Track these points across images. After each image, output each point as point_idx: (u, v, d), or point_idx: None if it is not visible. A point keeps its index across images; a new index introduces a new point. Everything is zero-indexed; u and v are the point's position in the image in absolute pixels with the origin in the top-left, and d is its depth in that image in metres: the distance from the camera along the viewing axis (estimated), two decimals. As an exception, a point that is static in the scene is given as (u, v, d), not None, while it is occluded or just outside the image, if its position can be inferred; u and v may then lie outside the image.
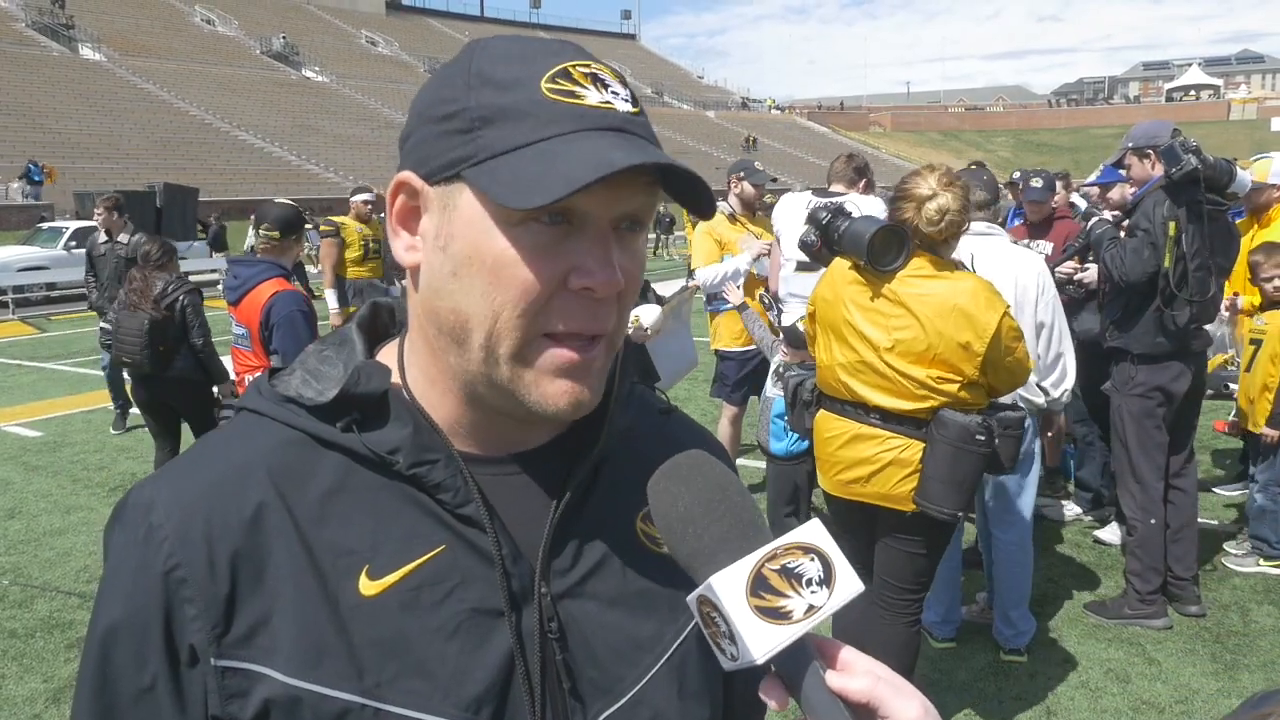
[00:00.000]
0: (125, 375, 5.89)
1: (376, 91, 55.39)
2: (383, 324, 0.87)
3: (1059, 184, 6.07)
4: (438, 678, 0.71)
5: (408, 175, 0.73)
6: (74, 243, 20.07)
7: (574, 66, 0.70)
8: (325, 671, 0.69)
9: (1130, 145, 4.23)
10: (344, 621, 0.71)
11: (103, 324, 6.49)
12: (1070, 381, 3.74)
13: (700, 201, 0.73)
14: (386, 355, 0.82)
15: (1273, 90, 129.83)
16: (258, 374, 4.24)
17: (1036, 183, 5.59)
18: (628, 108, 0.71)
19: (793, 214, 4.93)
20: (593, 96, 0.70)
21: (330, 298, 7.89)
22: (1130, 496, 4.14)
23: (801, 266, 4.89)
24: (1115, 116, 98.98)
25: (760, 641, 0.59)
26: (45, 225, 21.94)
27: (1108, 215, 4.43)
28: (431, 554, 0.73)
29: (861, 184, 4.86)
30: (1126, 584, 4.15)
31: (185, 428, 5.40)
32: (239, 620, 0.70)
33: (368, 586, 0.71)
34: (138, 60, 47.06)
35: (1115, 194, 5.09)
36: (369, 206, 8.21)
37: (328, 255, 7.94)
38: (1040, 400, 3.68)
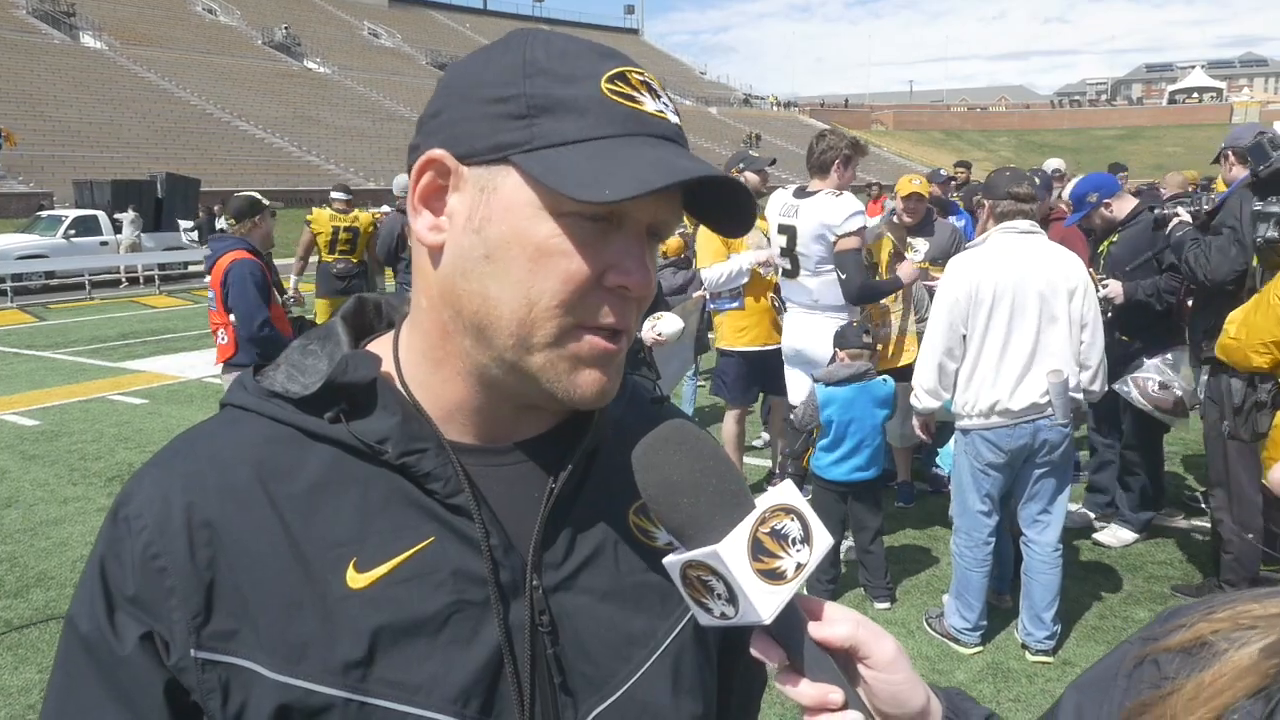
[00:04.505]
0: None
1: (378, 83, 55.27)
2: (369, 319, 0.86)
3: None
4: (425, 671, 0.70)
5: (440, 153, 0.71)
6: (73, 231, 20.06)
7: (630, 72, 0.71)
8: (310, 666, 0.68)
9: (1226, 146, 4.23)
10: (330, 615, 0.70)
11: None
12: (1103, 380, 3.77)
13: (736, 221, 0.75)
14: (377, 347, 0.81)
15: (1275, 93, 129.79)
16: (231, 351, 4.41)
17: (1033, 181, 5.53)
18: (676, 120, 0.73)
19: (772, 217, 4.89)
20: (650, 104, 0.71)
21: None
22: (1227, 511, 4.06)
23: (785, 274, 4.87)
24: (1117, 118, 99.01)
25: (765, 602, 0.63)
26: (44, 214, 21.91)
27: (1185, 216, 4.35)
28: (420, 545, 0.72)
29: (834, 173, 4.66)
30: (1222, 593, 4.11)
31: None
32: (219, 612, 0.69)
33: (355, 579, 0.71)
34: (139, 49, 46.92)
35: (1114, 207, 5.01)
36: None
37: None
38: (1083, 398, 3.70)
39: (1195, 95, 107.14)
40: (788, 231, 4.74)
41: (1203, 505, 5.31)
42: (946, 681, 3.68)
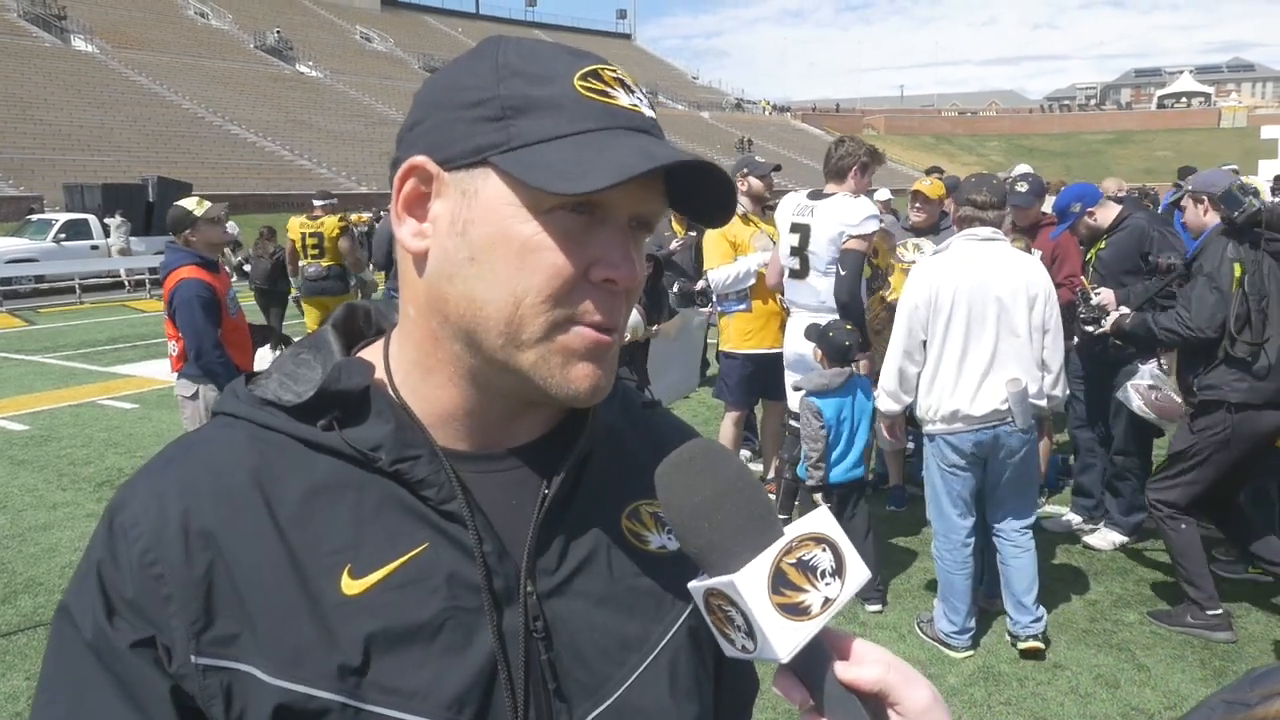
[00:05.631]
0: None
1: (370, 87, 55.16)
2: (359, 326, 0.86)
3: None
4: (420, 678, 0.70)
5: (422, 160, 0.72)
6: (64, 235, 19.98)
7: (602, 69, 0.72)
8: (307, 671, 0.68)
9: (1190, 189, 4.24)
10: (326, 621, 0.69)
11: None
12: (1065, 384, 3.83)
13: (716, 210, 0.75)
14: (368, 355, 0.81)
15: (1263, 98, 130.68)
16: (181, 359, 4.54)
17: (1022, 187, 5.52)
18: (651, 114, 0.74)
19: (784, 217, 4.87)
20: (623, 98, 0.72)
21: None
22: (1167, 507, 4.09)
23: (792, 274, 4.85)
24: (1107, 122, 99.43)
25: (784, 640, 0.59)
26: (35, 217, 21.85)
27: (1125, 309, 4.38)
28: (414, 552, 0.72)
29: (850, 179, 4.63)
30: (1187, 595, 4.12)
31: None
32: (219, 617, 0.69)
33: (350, 586, 0.70)
34: (130, 52, 46.74)
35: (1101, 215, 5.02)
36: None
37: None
38: (1045, 404, 3.74)
39: (1184, 100, 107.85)
40: (801, 230, 4.70)
41: None
42: (938, 685, 3.68)
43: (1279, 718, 0.59)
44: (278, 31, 58.73)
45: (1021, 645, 3.87)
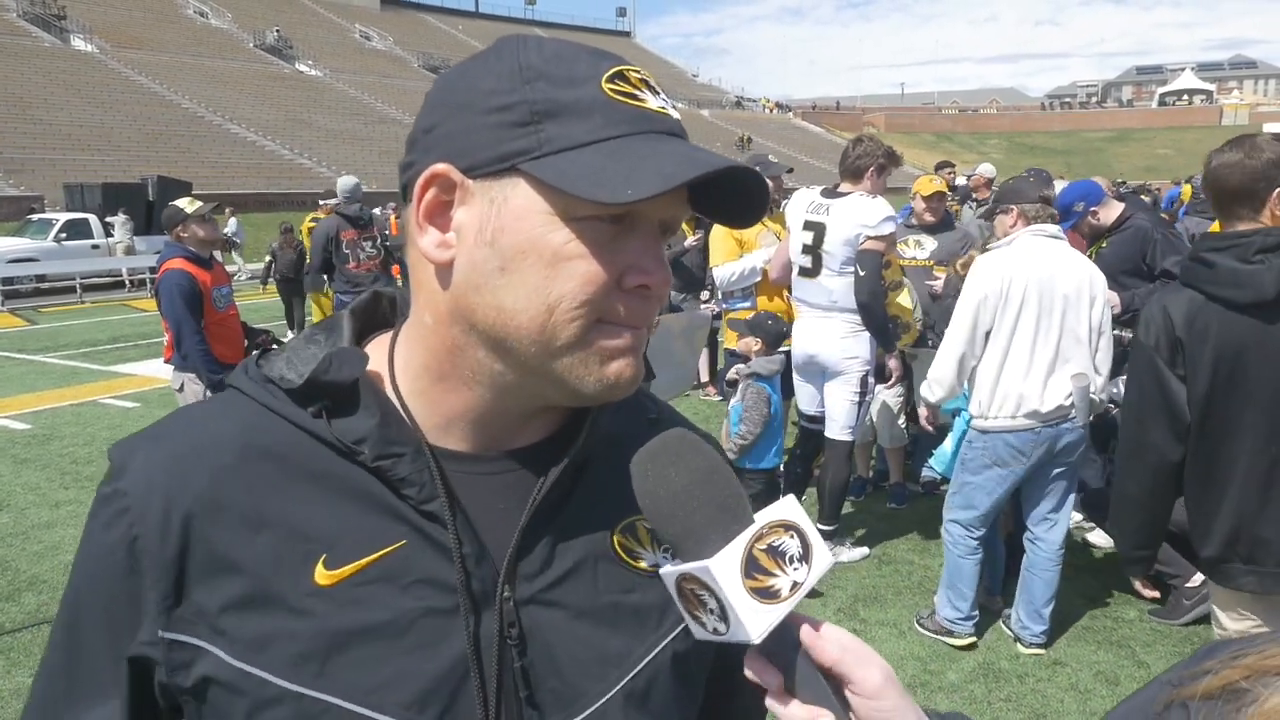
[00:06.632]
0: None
1: (370, 86, 55.13)
2: (382, 313, 0.86)
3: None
4: (383, 674, 0.70)
5: (444, 168, 0.70)
6: (64, 235, 19.98)
7: (628, 70, 0.71)
8: (270, 657, 0.69)
9: None
10: (295, 609, 0.70)
11: None
12: (1107, 389, 3.85)
13: (747, 212, 0.75)
14: (376, 346, 0.81)
15: (1265, 96, 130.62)
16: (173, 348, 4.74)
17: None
18: (677, 116, 0.73)
19: (797, 214, 4.78)
20: (652, 101, 0.71)
21: None
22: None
23: (803, 272, 4.82)
24: (1108, 120, 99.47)
25: (755, 621, 0.62)
26: (36, 217, 21.84)
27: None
28: (390, 548, 0.72)
29: (866, 180, 4.59)
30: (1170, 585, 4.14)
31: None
32: (189, 596, 0.71)
33: (323, 576, 0.71)
34: (130, 52, 46.72)
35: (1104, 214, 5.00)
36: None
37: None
38: (1101, 399, 3.75)
39: (1185, 97, 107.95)
40: (815, 228, 4.61)
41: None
42: (938, 682, 3.70)
43: (1208, 691, 0.61)
44: (277, 30, 58.69)
45: (1024, 650, 3.89)
